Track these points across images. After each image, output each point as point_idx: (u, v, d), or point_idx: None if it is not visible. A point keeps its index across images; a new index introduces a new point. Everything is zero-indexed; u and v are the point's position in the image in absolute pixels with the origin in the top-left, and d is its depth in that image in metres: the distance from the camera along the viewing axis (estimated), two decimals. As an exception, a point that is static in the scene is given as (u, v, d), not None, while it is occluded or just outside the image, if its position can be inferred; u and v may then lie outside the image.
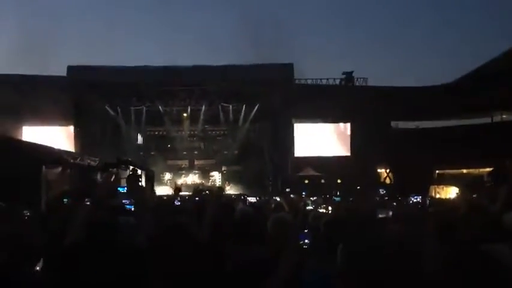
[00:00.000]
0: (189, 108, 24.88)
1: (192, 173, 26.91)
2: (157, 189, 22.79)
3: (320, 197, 11.27)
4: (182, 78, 22.81)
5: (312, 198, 10.92)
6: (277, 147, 24.15)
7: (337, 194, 13.34)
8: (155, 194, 15.79)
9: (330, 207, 7.10)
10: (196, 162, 27.47)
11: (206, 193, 4.54)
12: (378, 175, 25.72)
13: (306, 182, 22.57)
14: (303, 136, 25.44)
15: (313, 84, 25.73)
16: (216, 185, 23.47)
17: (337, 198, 11.35)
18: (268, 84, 21.60)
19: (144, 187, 16.41)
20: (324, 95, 23.44)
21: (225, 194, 16.28)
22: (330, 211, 6.51)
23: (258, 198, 10.52)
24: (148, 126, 26.01)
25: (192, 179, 26.30)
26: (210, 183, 24.58)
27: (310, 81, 26.20)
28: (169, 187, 25.19)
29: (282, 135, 24.10)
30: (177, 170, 27.17)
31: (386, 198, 12.10)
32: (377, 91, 25.20)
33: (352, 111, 24.31)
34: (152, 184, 19.30)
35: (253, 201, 9.59)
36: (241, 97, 23.63)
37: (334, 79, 26.51)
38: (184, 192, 14.06)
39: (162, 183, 25.39)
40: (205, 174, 26.86)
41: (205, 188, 17.70)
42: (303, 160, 24.64)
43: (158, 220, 3.10)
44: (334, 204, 8.57)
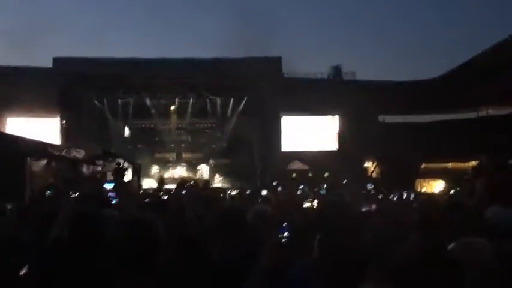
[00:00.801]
0: (177, 101, 24.73)
1: (179, 166, 26.79)
2: (145, 182, 22.69)
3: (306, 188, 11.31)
4: (170, 70, 22.65)
5: (300, 187, 11.02)
6: (265, 141, 24.16)
7: (324, 187, 13.34)
8: (141, 188, 15.71)
9: (315, 201, 7.11)
10: (184, 156, 27.34)
11: (191, 184, 4.53)
12: (365, 169, 25.89)
13: (294, 175, 22.61)
14: (290, 129, 25.48)
15: (301, 78, 25.72)
16: (203, 178, 23.38)
17: (323, 191, 11.39)
18: (256, 77, 21.55)
19: (128, 182, 16.32)
20: (312, 89, 23.50)
21: (212, 187, 16.25)
22: (315, 205, 6.51)
23: (238, 190, 10.37)
24: (135, 118, 25.81)
25: (179, 172, 26.18)
26: (198, 177, 24.48)
27: (298, 75, 26.21)
28: (155, 180, 25.10)
29: (269, 129, 24.10)
30: (165, 163, 27.02)
31: (372, 193, 12.16)
32: (365, 85, 25.29)
33: (339, 105, 24.43)
34: (139, 177, 19.18)
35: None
36: (229, 90, 23.56)
37: (322, 73, 26.56)
38: (172, 185, 13.98)
39: (149, 176, 25.28)
40: (192, 167, 26.75)
41: (190, 180, 17.63)
42: (291, 153, 24.70)
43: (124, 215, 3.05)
44: (319, 197, 8.59)
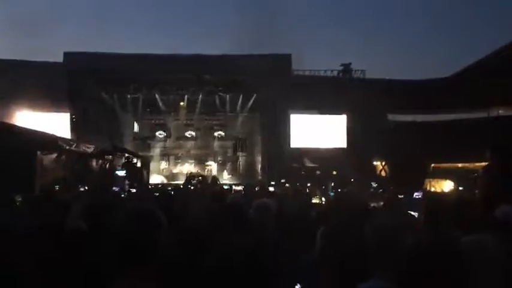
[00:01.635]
0: (186, 97, 24.78)
1: (187, 162, 26.89)
2: (153, 177, 22.81)
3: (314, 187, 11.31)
4: (179, 67, 22.67)
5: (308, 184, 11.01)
6: (274, 137, 24.13)
7: (331, 186, 13.32)
8: (149, 182, 15.81)
9: (323, 198, 7.14)
10: (193, 152, 27.43)
11: (198, 179, 4.54)
12: (374, 168, 25.78)
13: (303, 173, 22.59)
14: (299, 127, 25.41)
15: (310, 75, 25.64)
16: (211, 174, 23.45)
17: (332, 193, 11.31)
18: (265, 74, 21.50)
19: (140, 170, 16.42)
20: (322, 87, 23.40)
21: (219, 183, 16.26)
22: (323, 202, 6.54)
23: (243, 187, 10.40)
24: (144, 114, 25.93)
25: (187, 167, 26.29)
26: (206, 172, 24.55)
27: (308, 73, 26.12)
28: (163, 176, 25.23)
29: (278, 126, 24.05)
30: (173, 159, 27.16)
31: (381, 191, 12.13)
32: (375, 83, 25.16)
33: (349, 103, 24.31)
34: (148, 172, 19.29)
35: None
36: (239, 87, 23.54)
37: (331, 71, 26.46)
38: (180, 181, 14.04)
39: (158, 172, 25.43)
40: (201, 163, 26.84)
41: (198, 175, 17.66)
42: (299, 151, 24.65)
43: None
44: (328, 197, 8.59)
